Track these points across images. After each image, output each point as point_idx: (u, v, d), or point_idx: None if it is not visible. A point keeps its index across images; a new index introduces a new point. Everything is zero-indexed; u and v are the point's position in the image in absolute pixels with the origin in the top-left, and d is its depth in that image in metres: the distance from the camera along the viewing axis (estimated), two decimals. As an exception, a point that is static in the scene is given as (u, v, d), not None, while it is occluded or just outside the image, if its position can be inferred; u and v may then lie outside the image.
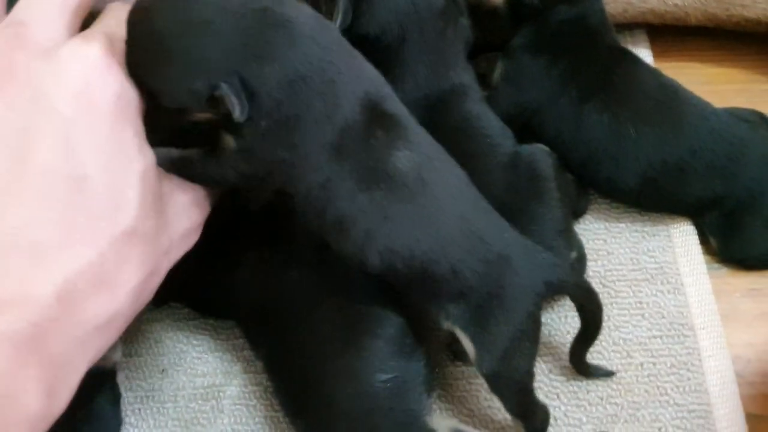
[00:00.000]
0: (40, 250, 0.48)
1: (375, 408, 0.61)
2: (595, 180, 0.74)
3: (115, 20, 0.56)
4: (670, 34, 0.87)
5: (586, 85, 0.72)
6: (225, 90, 0.52)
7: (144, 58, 0.54)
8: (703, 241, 0.75)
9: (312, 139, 0.55)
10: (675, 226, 0.76)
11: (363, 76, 0.58)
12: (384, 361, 0.62)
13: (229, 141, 0.56)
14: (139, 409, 0.70)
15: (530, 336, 0.60)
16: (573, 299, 0.64)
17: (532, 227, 0.68)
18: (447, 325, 0.61)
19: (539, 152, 0.71)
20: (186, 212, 0.57)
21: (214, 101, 0.53)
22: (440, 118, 0.69)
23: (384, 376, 0.61)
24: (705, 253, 0.75)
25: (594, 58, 0.73)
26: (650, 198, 0.74)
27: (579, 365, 0.68)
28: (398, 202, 0.58)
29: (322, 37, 0.55)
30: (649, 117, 0.71)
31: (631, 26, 0.87)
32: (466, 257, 0.59)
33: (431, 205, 0.58)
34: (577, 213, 0.76)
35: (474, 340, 0.60)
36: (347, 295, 0.64)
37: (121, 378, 0.70)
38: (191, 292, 0.71)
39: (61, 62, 0.51)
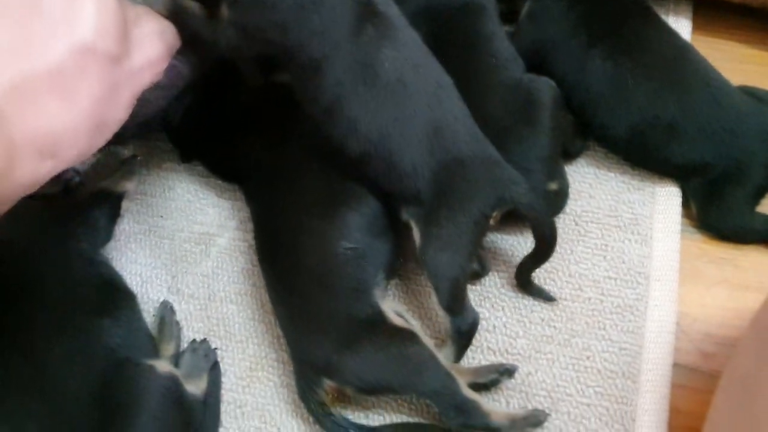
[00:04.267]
0: None
1: (334, 269, 0.68)
2: (591, 124, 0.77)
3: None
4: (714, 9, 0.88)
5: (596, 30, 0.76)
6: None
7: None
8: (687, 205, 0.78)
9: (301, 25, 0.62)
10: (661, 185, 0.78)
11: None
12: (352, 231, 0.69)
13: (225, 10, 0.63)
14: (141, 239, 0.80)
15: (470, 239, 0.66)
16: (527, 219, 0.68)
17: (518, 148, 0.73)
18: (404, 216, 0.68)
19: (542, 82, 0.76)
20: (151, 41, 0.59)
21: None
22: (450, 33, 0.75)
23: (348, 244, 0.68)
24: (685, 217, 0.78)
25: (610, 6, 0.77)
26: (638, 151, 0.76)
27: (523, 282, 0.72)
28: (378, 99, 0.65)
29: None
30: (650, 71, 0.74)
31: (677, -5, 0.89)
32: (426, 157, 0.66)
33: (406, 106, 0.65)
34: (571, 154, 0.79)
35: (421, 232, 0.67)
36: (337, 172, 0.70)
37: (128, 205, 0.80)
38: (208, 153, 0.81)
39: None
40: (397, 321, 0.67)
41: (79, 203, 0.75)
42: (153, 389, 0.63)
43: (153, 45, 0.60)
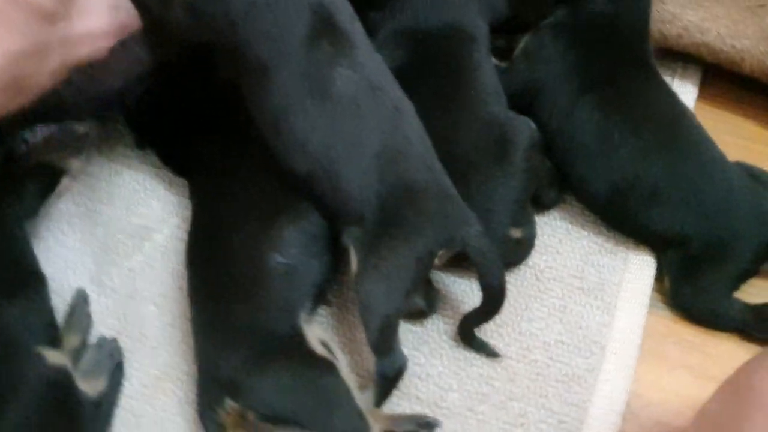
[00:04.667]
0: None
1: (261, 281, 0.62)
2: (570, 176, 0.72)
3: None
4: (723, 79, 0.83)
5: (590, 78, 0.71)
6: None
7: None
8: (661, 278, 0.71)
9: (251, 23, 0.58)
10: (636, 252, 0.72)
11: None
12: (288, 246, 0.63)
13: None
14: (75, 222, 0.75)
15: (410, 276, 0.60)
16: (474, 262, 0.62)
17: (483, 187, 0.67)
18: (345, 241, 0.63)
19: (521, 122, 0.71)
20: (98, 12, 0.57)
21: None
22: (432, 58, 0.71)
23: (281, 259, 0.63)
24: (657, 291, 0.71)
25: (609, 56, 0.72)
26: (616, 212, 0.71)
27: (465, 334, 0.66)
28: (327, 116, 0.61)
29: None
30: (640, 129, 0.69)
31: (687, 59, 0.84)
32: (374, 182, 0.61)
33: (356, 127, 0.61)
34: (544, 203, 0.74)
35: (359, 259, 0.61)
36: (282, 183, 0.65)
37: (71, 184, 0.75)
38: (161, 142, 0.76)
39: None
40: (318, 349, 0.61)
41: (15, 172, 0.71)
42: (35, 379, 0.57)
43: (99, 17, 0.57)
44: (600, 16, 0.72)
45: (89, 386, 0.63)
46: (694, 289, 0.68)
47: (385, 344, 0.61)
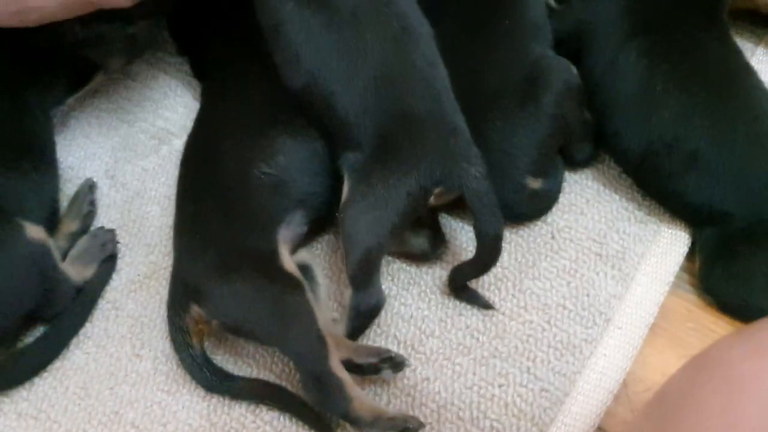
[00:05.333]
0: None
1: (243, 189, 0.60)
2: (605, 131, 0.65)
3: None
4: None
5: (642, 21, 0.63)
6: None
7: None
8: (693, 258, 0.63)
9: None
10: (669, 226, 0.65)
11: None
12: (276, 157, 0.61)
13: None
14: (103, 116, 0.76)
15: (398, 210, 0.56)
16: (470, 206, 0.57)
17: (505, 127, 0.62)
18: (341, 166, 0.60)
19: (560, 63, 0.64)
20: None
21: None
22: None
23: (266, 169, 0.61)
24: (685, 271, 0.64)
25: (671, 2, 0.64)
26: (648, 175, 0.63)
27: (455, 285, 0.61)
28: (324, 28, 0.57)
29: None
30: (686, 82, 0.61)
31: (777, 27, 0.74)
32: (371, 105, 0.57)
33: (355, 43, 0.57)
34: (577, 159, 0.67)
35: (350, 187, 0.58)
36: (284, 99, 0.62)
37: (107, 81, 0.76)
38: (190, 48, 0.76)
39: None
40: (289, 267, 0.58)
41: (52, 59, 0.72)
42: (10, 249, 0.58)
43: None
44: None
45: (75, 271, 0.63)
46: (726, 273, 0.60)
47: (362, 278, 0.57)
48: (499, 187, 0.59)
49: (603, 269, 0.63)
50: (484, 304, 0.61)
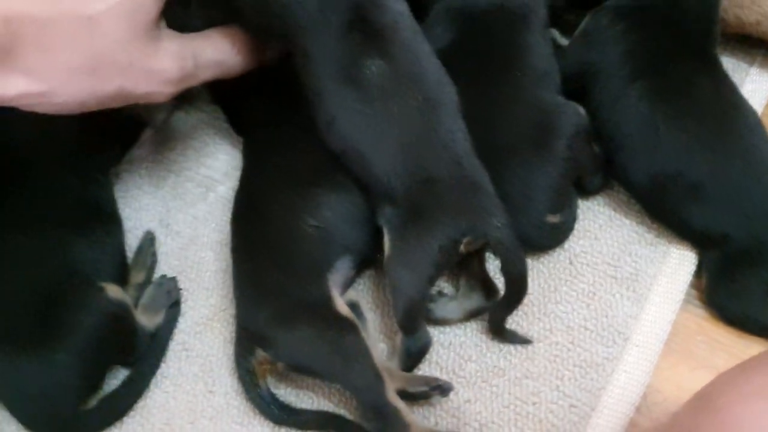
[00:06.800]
0: None
1: (293, 242, 0.67)
2: (612, 163, 0.71)
3: None
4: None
5: (642, 65, 0.69)
6: None
7: None
8: (700, 275, 0.71)
9: (291, 17, 0.63)
10: (677, 246, 0.72)
11: None
12: (321, 209, 0.68)
13: None
14: (151, 168, 0.83)
15: (433, 263, 0.63)
16: (494, 253, 0.64)
17: (522, 172, 0.69)
18: (381, 221, 0.66)
19: (569, 108, 0.71)
20: (174, 57, 0.62)
21: None
22: (483, 38, 0.72)
23: (313, 221, 0.67)
24: (693, 288, 0.71)
25: (666, 43, 0.70)
26: (656, 204, 0.70)
27: (496, 328, 0.68)
28: (357, 102, 0.64)
29: None
30: (685, 122, 0.67)
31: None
32: (399, 170, 0.64)
33: (384, 116, 0.64)
34: (588, 189, 0.74)
35: (390, 242, 0.65)
36: (322, 152, 0.69)
37: (148, 134, 0.82)
38: (225, 100, 0.81)
39: None
40: (343, 310, 0.65)
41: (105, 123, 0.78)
42: (96, 311, 0.65)
43: (172, 62, 0.62)
44: (664, 2, 0.71)
45: (147, 319, 0.71)
46: (728, 290, 0.68)
47: (410, 324, 0.65)
48: (521, 226, 0.67)
49: (619, 291, 0.70)
50: (522, 340, 0.68)
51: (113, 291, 0.67)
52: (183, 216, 0.79)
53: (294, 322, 0.64)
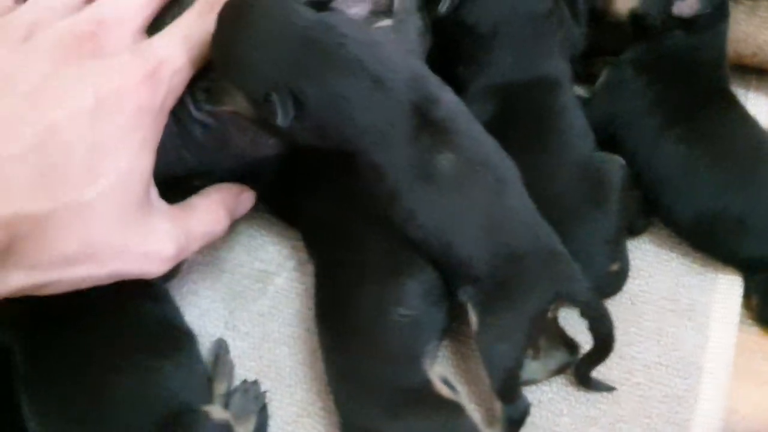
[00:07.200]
0: (7, 182, 0.55)
1: (388, 335, 0.69)
2: (656, 205, 0.77)
3: (195, 18, 0.65)
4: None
5: (674, 113, 0.75)
6: (275, 98, 0.62)
7: (220, 57, 0.64)
8: (747, 295, 0.77)
9: (357, 138, 0.65)
10: (724, 273, 0.77)
11: (414, 87, 0.66)
12: (410, 298, 0.70)
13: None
14: (202, 271, 0.82)
15: (526, 333, 0.66)
16: (582, 315, 0.68)
17: (584, 230, 0.73)
18: (463, 298, 0.69)
19: (614, 162, 0.75)
20: (166, 235, 0.64)
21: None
22: (523, 106, 0.75)
23: (404, 311, 0.69)
24: (744, 307, 0.77)
25: (690, 90, 0.75)
26: (702, 240, 0.76)
27: (582, 379, 0.72)
28: (435, 194, 0.67)
29: (373, 56, 0.64)
30: (723, 161, 0.73)
31: (761, 72, 0.87)
32: (482, 251, 0.67)
33: (461, 202, 0.67)
34: (634, 231, 0.79)
35: (478, 317, 0.68)
36: (397, 237, 0.71)
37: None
38: (269, 196, 0.81)
39: (112, 66, 0.60)
40: (444, 391, 0.68)
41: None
42: None
43: (159, 238, 0.64)
44: (680, 50, 0.76)
45: (242, 429, 0.71)
46: (779, 309, 0.74)
47: (509, 393, 0.68)
48: (587, 278, 0.70)
49: (681, 323, 0.75)
50: (607, 387, 0.72)
51: (217, 413, 0.67)
52: (248, 315, 0.79)
53: (404, 413, 0.66)
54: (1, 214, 0.54)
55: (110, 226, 0.59)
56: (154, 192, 0.65)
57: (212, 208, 0.70)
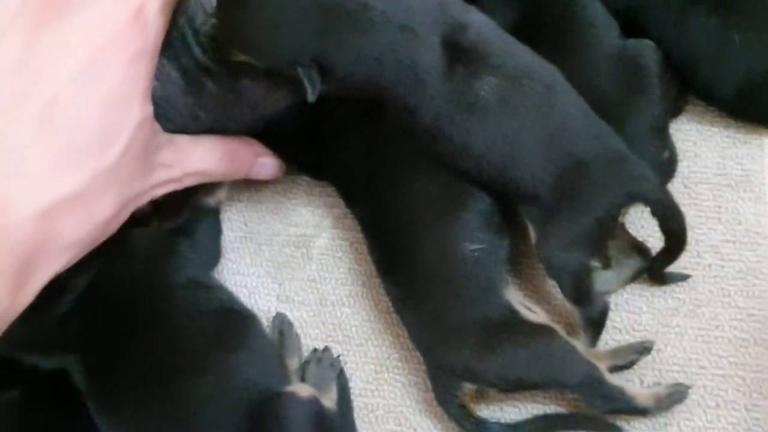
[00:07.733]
0: (30, 173, 0.52)
1: (460, 273, 0.66)
2: (692, 82, 0.74)
3: None
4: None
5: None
6: (300, 72, 0.58)
7: (231, 35, 0.59)
8: (795, 157, 0.76)
9: (391, 89, 0.61)
10: (768, 135, 0.76)
11: (442, 20, 0.61)
12: (474, 232, 0.67)
13: None
14: (238, 248, 0.78)
15: (594, 239, 0.64)
16: (654, 214, 0.66)
17: (632, 121, 0.70)
18: (523, 218, 0.67)
19: (646, 47, 0.72)
20: (165, 167, 0.61)
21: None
22: (543, 7, 0.71)
23: (472, 246, 0.66)
24: (794, 169, 0.76)
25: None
26: (746, 108, 0.73)
27: (657, 278, 0.71)
28: (481, 121, 0.63)
29: (398, 5, 0.60)
30: (759, 25, 0.70)
31: None
32: (545, 165, 0.63)
33: (513, 121, 0.63)
34: (674, 113, 0.76)
35: (539, 231, 0.65)
36: (446, 171, 0.67)
37: (223, 218, 0.77)
38: (295, 150, 0.76)
39: (94, 17, 0.55)
40: (531, 317, 0.66)
41: (177, 228, 0.72)
42: (300, 418, 0.63)
43: (168, 171, 0.63)
44: None
45: (327, 400, 0.68)
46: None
47: (583, 296, 0.66)
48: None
49: (738, 196, 0.73)
50: (681, 277, 0.71)
51: (303, 390, 0.65)
52: (299, 283, 0.76)
53: (497, 346, 0.64)
54: (35, 208, 0.51)
55: (135, 177, 0.58)
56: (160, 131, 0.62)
57: (216, 149, 0.67)
